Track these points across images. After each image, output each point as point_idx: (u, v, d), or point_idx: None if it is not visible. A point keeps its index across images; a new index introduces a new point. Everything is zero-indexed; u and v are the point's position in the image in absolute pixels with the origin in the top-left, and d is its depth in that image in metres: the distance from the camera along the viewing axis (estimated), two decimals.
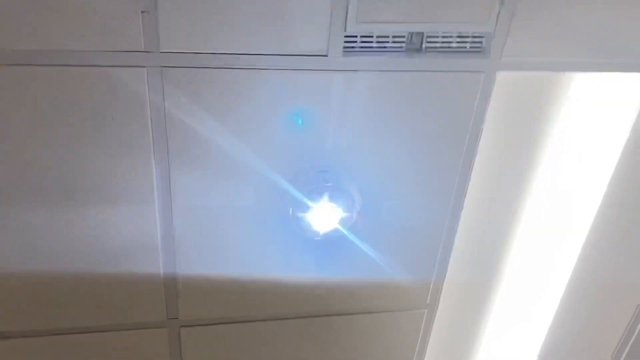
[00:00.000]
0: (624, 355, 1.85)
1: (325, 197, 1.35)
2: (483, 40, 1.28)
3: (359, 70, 1.27)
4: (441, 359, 1.93)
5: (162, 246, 1.43)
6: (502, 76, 1.34)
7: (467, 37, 1.28)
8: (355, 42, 1.24)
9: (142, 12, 1.11)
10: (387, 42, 1.26)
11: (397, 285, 1.65)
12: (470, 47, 1.29)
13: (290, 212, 1.36)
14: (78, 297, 1.47)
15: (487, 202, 1.60)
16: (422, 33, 1.26)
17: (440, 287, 1.69)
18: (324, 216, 1.38)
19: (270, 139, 1.32)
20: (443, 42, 1.28)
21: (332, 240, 1.50)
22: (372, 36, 1.24)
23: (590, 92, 1.44)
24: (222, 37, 1.17)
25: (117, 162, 1.29)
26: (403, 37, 1.26)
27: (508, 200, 1.61)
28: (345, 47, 1.24)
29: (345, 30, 1.21)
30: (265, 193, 1.40)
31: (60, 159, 1.26)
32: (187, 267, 1.49)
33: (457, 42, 1.28)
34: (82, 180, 1.29)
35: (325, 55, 1.23)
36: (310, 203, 1.35)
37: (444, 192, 1.48)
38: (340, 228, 1.44)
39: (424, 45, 1.28)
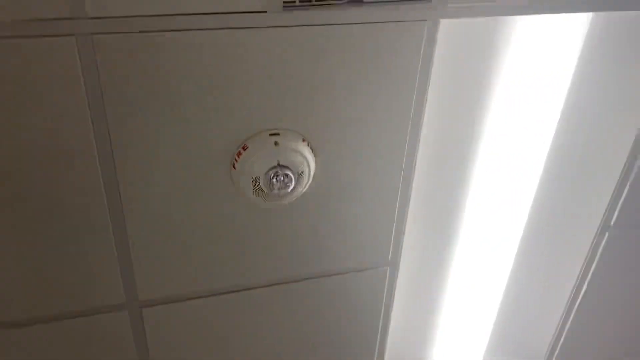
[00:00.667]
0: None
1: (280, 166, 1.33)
2: None
3: (299, 26, 1.23)
4: (408, 314, 1.96)
5: (112, 224, 1.38)
6: (446, 24, 1.33)
7: None
8: None
9: None
10: None
11: (358, 245, 1.64)
12: None
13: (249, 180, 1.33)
14: (25, 285, 1.41)
15: (439, 152, 1.60)
16: None
17: (401, 243, 1.69)
18: (280, 182, 1.35)
19: (215, 103, 1.28)
20: None
21: (289, 206, 1.48)
22: None
23: (534, 35, 1.45)
24: None
25: (53, 143, 1.22)
26: None
27: (459, 148, 1.62)
28: (285, 2, 1.20)
29: None
30: (217, 161, 1.36)
31: None
32: (140, 245, 1.44)
33: None
34: (18, 159, 1.22)
35: (264, 12, 1.19)
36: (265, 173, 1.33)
37: (397, 146, 1.48)
38: (293, 192, 1.42)
39: None
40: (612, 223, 1.86)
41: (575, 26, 1.47)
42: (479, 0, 1.29)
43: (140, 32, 1.14)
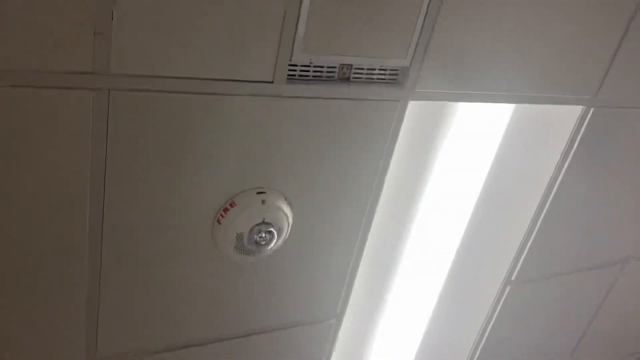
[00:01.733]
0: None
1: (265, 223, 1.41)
2: (399, 73, 1.47)
3: (296, 97, 1.36)
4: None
5: (88, 280, 1.34)
6: (411, 105, 1.54)
7: (386, 70, 1.45)
8: (296, 70, 1.33)
9: (95, 33, 1.07)
10: (322, 72, 1.37)
11: (312, 298, 1.74)
12: (388, 79, 1.47)
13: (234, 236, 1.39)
14: None
15: (387, 211, 1.79)
16: (351, 65, 1.40)
17: (349, 296, 1.83)
18: (263, 239, 1.43)
19: (211, 161, 1.33)
20: (367, 73, 1.43)
21: (257, 262, 1.55)
22: (309, 66, 1.35)
23: (470, 119, 1.73)
24: (177, 61, 1.16)
25: (47, 192, 1.18)
26: (335, 68, 1.39)
27: (401, 210, 1.82)
28: (288, 75, 1.32)
29: (291, 59, 1.29)
30: (203, 216, 1.40)
31: None
32: (110, 302, 1.41)
33: (378, 74, 1.44)
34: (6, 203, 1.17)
35: (271, 82, 1.30)
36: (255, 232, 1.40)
37: (360, 206, 1.63)
38: (269, 248, 1.50)
39: (351, 76, 1.42)
40: (512, 278, 2.18)
41: (501, 115, 1.77)
42: (440, 88, 1.53)
43: (156, 91, 1.18)
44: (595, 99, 1.82)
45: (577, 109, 1.84)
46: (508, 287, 2.20)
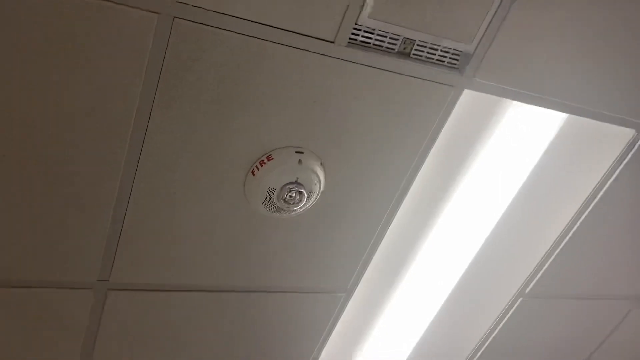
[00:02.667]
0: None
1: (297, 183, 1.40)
2: (460, 58, 1.43)
3: (354, 62, 1.33)
4: (342, 340, 2.07)
5: (116, 200, 1.35)
6: (467, 94, 1.51)
7: (449, 52, 1.42)
8: (358, 35, 1.31)
9: None
10: (384, 42, 1.35)
11: (328, 268, 1.74)
12: (449, 62, 1.43)
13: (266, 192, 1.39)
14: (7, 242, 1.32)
15: (412, 204, 1.77)
16: (415, 41, 1.37)
17: (363, 274, 1.82)
18: (293, 198, 1.42)
19: (259, 111, 1.32)
20: (429, 52, 1.40)
21: (282, 220, 1.55)
22: (373, 33, 1.32)
23: (517, 124, 1.69)
24: (245, 1, 1.15)
25: (96, 106, 1.19)
26: (397, 40, 1.36)
27: (428, 205, 1.80)
28: (350, 39, 1.30)
29: (357, 22, 1.27)
30: (238, 165, 1.39)
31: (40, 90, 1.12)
32: (134, 229, 1.41)
33: (440, 55, 1.41)
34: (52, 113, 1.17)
35: (332, 42, 1.28)
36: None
37: (392, 188, 1.61)
38: (298, 210, 1.49)
39: (412, 52, 1.39)
40: (526, 290, 2.15)
41: (551, 124, 1.73)
42: (498, 82, 1.49)
43: (218, 27, 1.17)
44: None
45: (629, 132, 1.79)
46: (520, 299, 2.18)
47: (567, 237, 1.97)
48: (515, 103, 1.62)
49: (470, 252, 1.98)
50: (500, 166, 1.75)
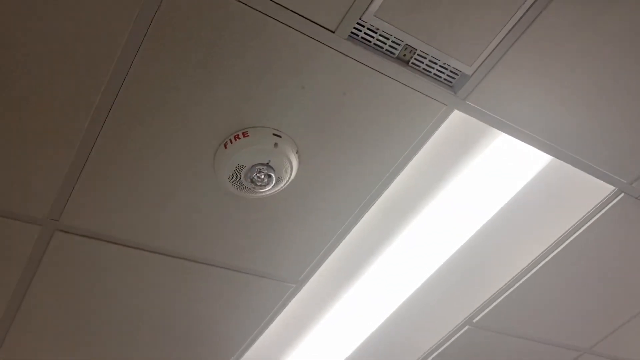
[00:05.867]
0: None
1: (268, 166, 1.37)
2: (456, 78, 1.41)
3: (351, 57, 1.30)
4: (281, 331, 2.06)
5: (82, 139, 1.31)
6: (455, 114, 1.49)
7: (447, 69, 1.39)
8: (360, 31, 1.28)
9: None
10: (385, 43, 1.32)
11: (284, 256, 1.72)
12: (444, 79, 1.41)
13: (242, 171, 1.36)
14: None
15: (384, 207, 1.75)
16: (416, 49, 1.34)
17: (317, 269, 1.80)
18: (261, 180, 1.39)
19: (246, 82, 1.29)
20: (427, 64, 1.37)
21: (247, 199, 1.52)
22: (375, 32, 1.29)
23: (499, 156, 1.67)
24: None
25: (85, 43, 1.14)
26: (399, 45, 1.33)
27: (399, 215, 1.78)
28: (351, 32, 1.26)
29: (361, 17, 1.24)
30: (213, 134, 1.36)
31: None
32: (94, 171, 1.38)
33: (437, 69, 1.39)
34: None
35: (333, 32, 1.25)
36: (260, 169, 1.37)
37: (364, 191, 1.59)
38: (261, 192, 1.46)
39: (411, 60, 1.36)
40: (474, 320, 2.15)
41: (533, 164, 1.72)
42: (491, 110, 1.47)
43: None
44: (630, 186, 1.76)
45: (609, 188, 1.79)
46: (467, 327, 2.18)
47: (527, 276, 1.97)
48: (502, 134, 1.60)
49: (429, 269, 1.97)
50: (475, 191, 1.74)
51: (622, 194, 1.79)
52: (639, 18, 1.33)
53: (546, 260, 1.89)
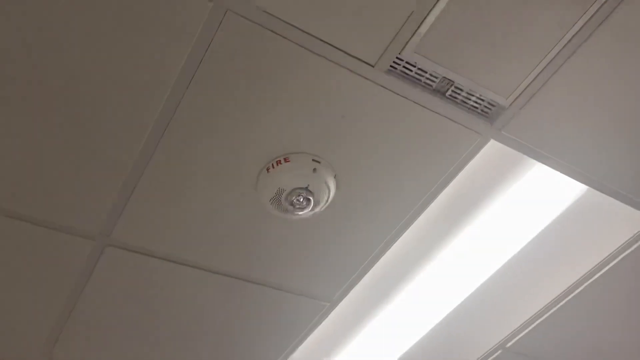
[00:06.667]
0: None
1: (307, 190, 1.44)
2: (493, 109, 1.45)
3: (390, 90, 1.36)
4: (317, 347, 2.11)
5: (136, 159, 1.40)
6: (491, 145, 1.52)
7: (484, 100, 1.43)
8: (399, 64, 1.33)
9: None
10: (423, 76, 1.37)
11: (320, 275, 1.77)
12: (481, 110, 1.45)
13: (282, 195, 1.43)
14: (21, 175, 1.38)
15: (413, 236, 1.79)
16: (453, 82, 1.39)
17: (352, 288, 1.85)
18: (300, 203, 1.46)
19: (288, 111, 1.36)
20: (464, 96, 1.41)
21: (288, 220, 1.58)
22: (414, 66, 1.34)
23: (534, 185, 1.69)
24: (297, 6, 1.18)
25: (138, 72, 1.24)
26: (437, 78, 1.37)
27: (431, 241, 1.82)
28: (390, 66, 1.32)
29: (400, 53, 1.29)
30: (257, 157, 1.44)
31: None
32: (146, 191, 1.47)
33: (474, 101, 1.43)
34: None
35: (372, 66, 1.30)
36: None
37: (398, 217, 1.63)
38: (300, 214, 1.52)
39: (448, 92, 1.40)
40: (507, 345, 2.16)
41: (567, 194, 1.72)
42: (526, 140, 1.50)
43: (267, 29, 1.21)
44: None
45: None
46: (500, 351, 2.18)
47: (561, 303, 1.97)
48: (537, 164, 1.62)
49: (462, 294, 1.99)
50: (510, 219, 1.76)
51: None
52: None
53: (580, 289, 1.89)
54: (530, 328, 2.06)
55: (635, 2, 1.23)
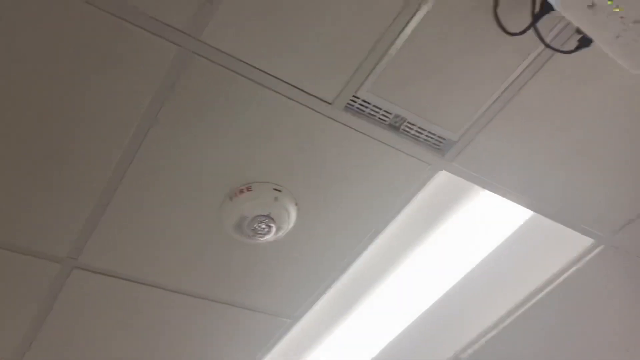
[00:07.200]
0: None
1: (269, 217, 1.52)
2: (444, 142, 1.55)
3: (346, 126, 1.44)
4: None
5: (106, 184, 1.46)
6: (442, 175, 1.62)
7: (435, 135, 1.53)
8: (355, 102, 1.42)
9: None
10: (378, 113, 1.46)
11: (280, 293, 1.85)
12: (433, 143, 1.54)
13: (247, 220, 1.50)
14: None
15: (374, 264, 1.88)
16: (405, 118, 1.48)
17: (313, 305, 1.93)
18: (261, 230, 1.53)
19: (247, 146, 1.44)
20: (416, 131, 1.51)
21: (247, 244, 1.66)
22: (369, 103, 1.43)
23: (482, 212, 1.80)
24: (263, 53, 1.26)
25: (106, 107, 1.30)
26: (390, 114, 1.47)
27: (386, 264, 1.92)
28: (347, 104, 1.41)
29: (356, 93, 1.38)
30: (221, 185, 1.51)
31: None
32: (114, 215, 1.52)
33: (426, 136, 1.52)
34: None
35: (330, 104, 1.39)
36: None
37: (354, 242, 1.72)
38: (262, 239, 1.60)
39: (401, 127, 1.50)
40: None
41: (514, 219, 1.84)
42: (475, 171, 1.60)
43: (231, 70, 1.28)
44: (611, 238, 1.88)
45: (588, 241, 1.90)
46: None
47: (505, 323, 2.08)
48: (486, 191, 1.73)
49: (416, 311, 2.10)
50: (461, 242, 1.87)
51: (601, 246, 1.91)
52: (611, 89, 1.45)
53: (525, 307, 2.01)
54: (478, 345, 2.17)
55: (565, 56, 1.33)
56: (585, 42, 1.16)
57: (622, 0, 1.00)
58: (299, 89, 1.34)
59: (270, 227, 1.53)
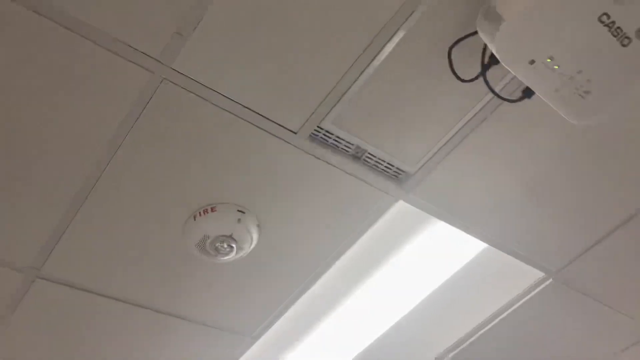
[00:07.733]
0: None
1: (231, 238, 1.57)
2: (402, 173, 1.63)
3: (310, 154, 1.52)
4: None
5: (73, 198, 1.50)
6: (400, 204, 1.70)
7: (393, 166, 1.61)
8: (320, 132, 1.49)
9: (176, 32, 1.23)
10: (340, 143, 1.53)
11: (240, 312, 1.90)
12: (392, 173, 1.63)
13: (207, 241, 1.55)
14: None
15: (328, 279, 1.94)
16: (366, 150, 1.56)
17: (272, 324, 1.98)
18: (223, 250, 1.58)
19: (213, 168, 1.50)
20: (376, 161, 1.59)
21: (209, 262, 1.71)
22: (333, 134, 1.51)
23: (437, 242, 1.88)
24: (231, 82, 1.33)
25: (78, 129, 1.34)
26: (352, 145, 1.54)
27: (346, 285, 1.98)
28: (311, 134, 1.48)
29: (320, 123, 1.45)
30: (185, 204, 1.56)
31: None
32: (81, 226, 1.56)
33: (385, 166, 1.60)
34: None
35: (295, 133, 1.46)
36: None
37: (314, 264, 1.79)
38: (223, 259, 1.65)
39: (363, 158, 1.58)
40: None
41: (469, 250, 1.93)
42: (431, 202, 1.69)
43: (199, 97, 1.34)
44: (557, 273, 1.97)
45: (539, 274, 1.99)
46: None
47: (457, 350, 2.16)
48: (442, 222, 1.81)
49: (371, 335, 2.16)
50: (416, 270, 1.95)
51: (550, 280, 2.00)
52: (556, 134, 1.55)
53: (476, 336, 2.09)
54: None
55: (512, 104, 1.43)
56: (528, 93, 1.25)
57: (560, 57, 1.09)
58: (266, 118, 1.41)
59: (232, 247, 1.58)
